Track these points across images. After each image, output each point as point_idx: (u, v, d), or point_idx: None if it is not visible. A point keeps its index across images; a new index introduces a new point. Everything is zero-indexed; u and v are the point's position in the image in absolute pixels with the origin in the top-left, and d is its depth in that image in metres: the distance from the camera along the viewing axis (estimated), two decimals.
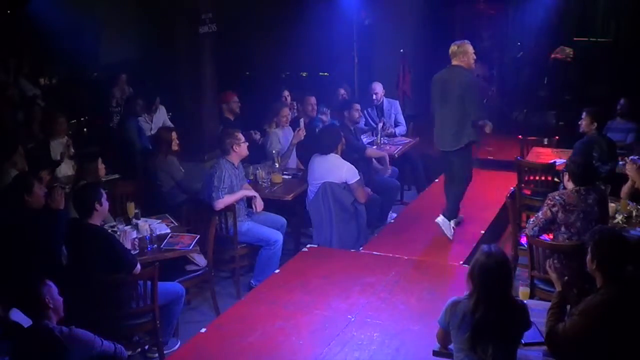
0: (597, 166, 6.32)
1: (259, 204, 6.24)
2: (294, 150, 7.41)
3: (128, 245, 5.05)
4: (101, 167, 5.93)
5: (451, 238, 6.39)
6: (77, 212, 4.81)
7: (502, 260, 3.40)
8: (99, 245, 4.65)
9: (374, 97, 8.51)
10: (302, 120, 7.85)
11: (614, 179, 6.21)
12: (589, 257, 3.58)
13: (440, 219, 6.48)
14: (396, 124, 8.61)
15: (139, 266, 4.76)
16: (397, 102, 8.88)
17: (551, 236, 5.13)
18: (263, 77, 11.10)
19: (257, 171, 6.85)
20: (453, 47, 6.23)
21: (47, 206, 5.10)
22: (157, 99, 8.50)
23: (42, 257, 4.78)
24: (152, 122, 8.39)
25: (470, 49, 6.22)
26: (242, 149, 6.19)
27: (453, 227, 6.47)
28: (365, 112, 8.26)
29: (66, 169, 6.89)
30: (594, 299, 3.48)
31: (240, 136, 6.21)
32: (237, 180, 6.16)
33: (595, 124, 6.61)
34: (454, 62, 6.23)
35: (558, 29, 11.25)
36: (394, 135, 8.40)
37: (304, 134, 7.34)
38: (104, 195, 4.81)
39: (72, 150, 7.10)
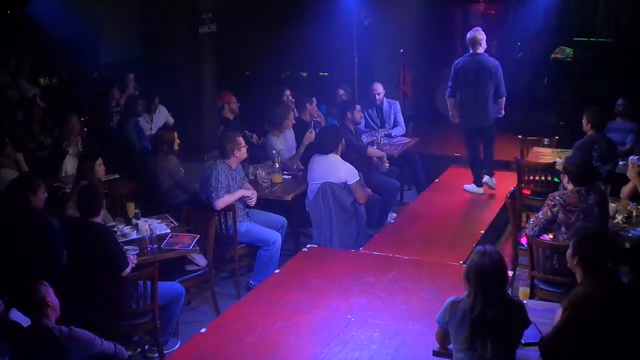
0: (597, 166, 6.31)
1: (253, 199, 6.25)
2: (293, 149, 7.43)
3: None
4: (100, 167, 5.91)
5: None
6: (81, 211, 4.82)
7: (496, 259, 3.43)
8: (95, 240, 4.69)
9: (377, 97, 8.50)
10: (312, 122, 7.87)
11: (614, 179, 6.20)
12: (570, 252, 3.70)
13: (487, 178, 7.59)
14: (395, 124, 8.60)
15: (128, 269, 4.76)
16: (397, 102, 8.88)
17: (551, 236, 5.13)
18: (263, 77, 11.09)
19: (257, 171, 6.86)
20: (476, 35, 7.06)
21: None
22: (157, 98, 8.50)
23: (42, 257, 4.78)
24: (152, 121, 8.39)
25: (484, 35, 7.15)
26: (242, 153, 6.21)
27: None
28: (365, 112, 8.26)
29: (71, 169, 6.90)
30: (576, 291, 3.59)
31: (241, 140, 6.22)
32: (234, 182, 6.16)
33: (590, 125, 6.59)
34: (478, 50, 7.09)
35: (558, 29, 11.22)
36: (391, 136, 8.40)
37: (314, 135, 7.37)
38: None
39: (80, 148, 7.13)
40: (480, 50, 7.13)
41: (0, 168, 6.20)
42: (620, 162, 6.53)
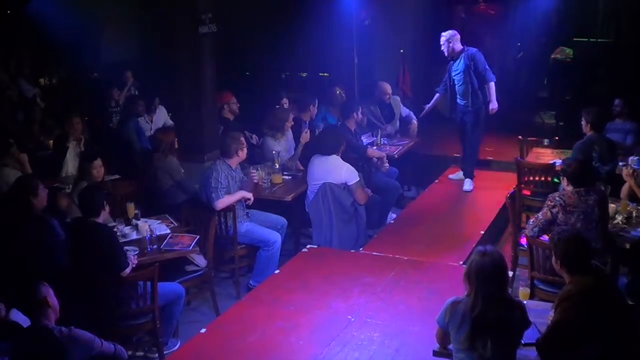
0: (597, 167, 6.31)
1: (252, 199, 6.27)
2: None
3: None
4: (100, 168, 5.89)
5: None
6: (83, 212, 4.82)
7: (497, 259, 3.44)
8: (96, 239, 4.68)
9: (386, 97, 8.48)
10: (306, 122, 7.87)
11: (614, 179, 6.20)
12: (553, 259, 3.82)
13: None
14: (403, 118, 8.61)
15: (128, 270, 4.76)
16: (397, 97, 8.89)
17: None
18: (263, 77, 11.10)
19: (257, 172, 6.85)
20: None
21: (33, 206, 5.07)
22: (157, 99, 8.49)
23: (43, 258, 4.78)
24: (152, 122, 8.38)
25: None
26: (244, 153, 6.23)
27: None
28: (367, 109, 8.24)
29: (72, 169, 6.90)
30: (563, 291, 3.67)
31: (244, 141, 6.24)
32: (234, 182, 6.16)
33: (590, 125, 6.59)
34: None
35: (558, 29, 11.24)
36: (394, 134, 8.39)
37: (309, 134, 7.39)
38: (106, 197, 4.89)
39: (82, 148, 7.13)
40: None
41: (3, 168, 6.17)
42: (620, 163, 6.53)
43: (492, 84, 7.46)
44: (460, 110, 7.66)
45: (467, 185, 7.80)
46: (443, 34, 7.51)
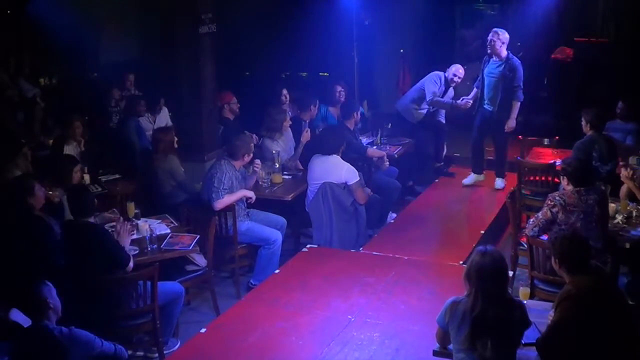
0: (597, 166, 6.32)
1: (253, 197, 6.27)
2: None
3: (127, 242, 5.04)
4: (77, 174, 5.78)
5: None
6: (77, 212, 4.82)
7: (497, 259, 3.45)
8: (93, 239, 4.69)
9: (456, 78, 8.15)
10: (306, 121, 7.87)
11: (614, 179, 6.21)
12: (552, 260, 3.82)
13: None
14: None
15: (131, 264, 4.76)
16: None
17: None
18: (263, 77, 11.09)
19: (258, 171, 6.85)
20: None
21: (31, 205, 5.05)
22: (162, 99, 8.49)
23: (42, 259, 4.77)
24: (154, 122, 8.38)
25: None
26: (249, 157, 6.25)
27: None
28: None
29: None
30: (563, 291, 3.67)
31: (252, 147, 6.30)
32: (237, 182, 6.17)
33: (589, 125, 6.59)
34: None
35: (558, 29, 11.22)
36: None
37: (310, 133, 7.39)
38: None
39: (82, 148, 7.12)
40: None
41: (15, 170, 6.12)
42: (620, 163, 6.53)
43: (518, 104, 7.37)
44: (486, 116, 7.54)
45: (499, 183, 7.75)
46: (499, 31, 7.26)
